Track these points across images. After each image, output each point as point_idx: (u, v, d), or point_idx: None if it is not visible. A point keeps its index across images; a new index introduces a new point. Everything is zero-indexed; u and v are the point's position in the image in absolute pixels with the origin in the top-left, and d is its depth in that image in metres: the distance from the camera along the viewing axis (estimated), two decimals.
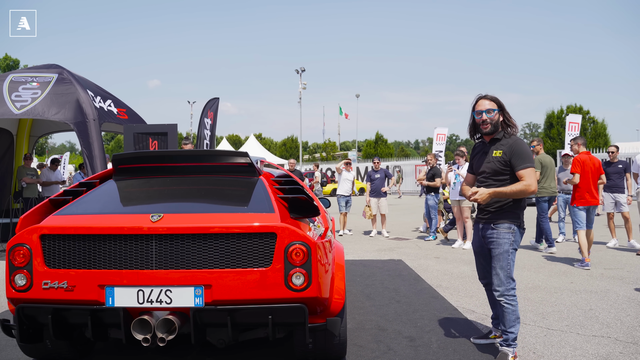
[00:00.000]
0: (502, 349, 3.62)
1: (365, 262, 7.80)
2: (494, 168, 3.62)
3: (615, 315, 4.71)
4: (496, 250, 3.60)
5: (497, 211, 3.62)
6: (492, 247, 3.63)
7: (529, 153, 3.55)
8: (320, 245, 3.10)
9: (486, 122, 3.63)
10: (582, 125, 30.99)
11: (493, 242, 3.62)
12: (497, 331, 3.98)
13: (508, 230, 3.59)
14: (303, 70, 40.76)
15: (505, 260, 3.57)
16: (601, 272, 6.74)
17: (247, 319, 3.03)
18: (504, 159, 3.58)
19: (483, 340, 3.99)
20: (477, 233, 3.83)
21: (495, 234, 3.61)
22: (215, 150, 3.69)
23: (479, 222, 3.77)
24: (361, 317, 4.71)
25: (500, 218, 3.60)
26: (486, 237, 3.69)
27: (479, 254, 3.86)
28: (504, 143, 3.63)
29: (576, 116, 20.95)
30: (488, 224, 3.67)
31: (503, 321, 3.60)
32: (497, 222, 3.61)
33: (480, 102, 3.67)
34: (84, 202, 3.38)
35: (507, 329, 3.59)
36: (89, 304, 3.01)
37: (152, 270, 2.97)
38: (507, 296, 3.57)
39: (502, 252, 3.58)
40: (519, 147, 3.56)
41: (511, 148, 3.57)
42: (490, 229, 3.65)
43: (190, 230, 2.97)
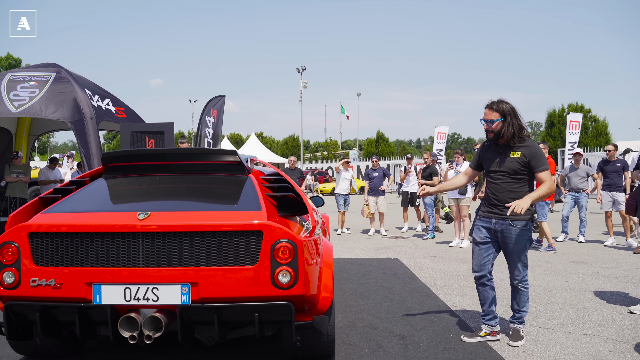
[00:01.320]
0: (514, 326, 3.98)
1: (362, 260, 7.80)
2: (513, 168, 3.82)
3: (608, 313, 4.70)
4: (515, 247, 3.84)
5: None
6: (510, 242, 3.85)
7: (544, 156, 3.86)
8: (307, 243, 3.11)
9: (488, 131, 3.88)
10: (583, 123, 30.92)
11: (511, 238, 3.83)
12: (488, 328, 4.03)
13: (525, 227, 3.82)
14: (304, 69, 40.79)
15: (524, 254, 3.88)
16: (597, 271, 6.73)
17: (233, 316, 3.04)
18: (523, 160, 3.80)
19: (474, 339, 4.01)
20: (482, 225, 3.98)
21: (514, 231, 3.82)
22: (204, 148, 3.72)
23: (491, 217, 3.92)
24: (353, 316, 4.71)
25: (518, 216, 3.78)
26: (501, 232, 3.87)
27: (482, 246, 3.97)
28: (520, 145, 3.83)
29: (577, 115, 20.92)
30: (504, 220, 3.84)
31: (518, 302, 3.97)
32: (514, 220, 3.81)
33: (485, 111, 3.90)
34: (72, 200, 3.39)
35: (520, 308, 3.97)
36: (77, 302, 3.02)
37: (139, 268, 2.98)
38: (524, 282, 3.93)
39: (521, 247, 3.84)
40: (538, 151, 3.82)
41: (530, 151, 3.80)
42: (508, 225, 3.83)
43: (177, 228, 2.98)
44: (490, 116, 3.84)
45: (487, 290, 4.01)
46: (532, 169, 3.80)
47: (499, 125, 3.83)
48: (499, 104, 3.86)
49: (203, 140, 11.01)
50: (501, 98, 3.92)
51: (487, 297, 4.02)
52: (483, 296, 4.04)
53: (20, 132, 11.72)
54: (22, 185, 10.53)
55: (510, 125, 3.80)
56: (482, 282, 4.01)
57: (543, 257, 7.86)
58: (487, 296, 4.02)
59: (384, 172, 11.20)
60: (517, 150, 3.81)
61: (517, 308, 3.98)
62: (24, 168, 10.67)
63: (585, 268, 6.96)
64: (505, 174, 3.85)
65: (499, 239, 3.90)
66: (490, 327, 4.03)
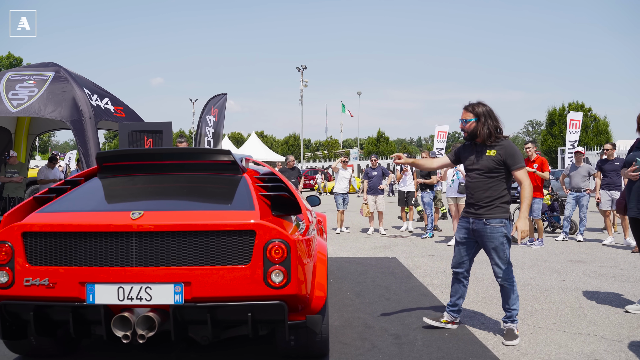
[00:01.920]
0: (508, 326, 4.02)
1: (359, 259, 7.80)
2: (488, 166, 3.95)
3: (604, 313, 4.70)
4: (492, 244, 3.94)
5: (488, 207, 3.93)
6: (486, 241, 3.95)
7: (520, 154, 3.95)
8: (300, 243, 3.11)
9: (463, 130, 4.07)
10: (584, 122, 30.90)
11: (487, 236, 3.94)
12: (450, 317, 4.27)
13: (500, 225, 3.91)
14: (304, 68, 40.78)
15: (502, 251, 3.94)
16: (594, 270, 6.73)
17: (226, 316, 3.05)
18: (498, 158, 3.92)
19: (434, 322, 4.26)
20: (462, 226, 4.11)
21: (489, 229, 3.92)
22: (198, 148, 3.72)
23: (468, 216, 4.05)
24: (349, 315, 4.71)
25: (492, 214, 3.92)
26: (478, 231, 3.98)
27: (462, 244, 4.15)
28: (496, 144, 3.96)
29: (577, 114, 20.90)
30: (480, 219, 3.96)
31: (507, 301, 4.02)
32: (489, 218, 3.92)
33: (462, 111, 4.08)
34: (67, 200, 3.39)
35: (510, 307, 4.02)
36: (70, 301, 3.03)
37: (133, 267, 2.98)
38: (509, 280, 3.99)
39: (497, 245, 3.93)
40: (513, 149, 3.93)
41: (506, 150, 3.92)
42: (482, 224, 3.95)
43: (170, 228, 2.99)
44: (465, 116, 4.02)
45: (461, 285, 4.24)
46: (509, 168, 3.91)
47: (472, 125, 3.99)
48: (474, 106, 4.02)
49: (203, 139, 10.99)
50: (480, 100, 4.07)
51: (458, 291, 4.24)
52: (455, 289, 4.26)
53: (19, 131, 11.73)
54: (17, 184, 10.42)
55: (485, 125, 3.94)
56: (458, 278, 4.23)
57: (541, 256, 7.86)
58: (458, 290, 4.25)
59: (383, 171, 11.21)
60: (492, 149, 3.94)
61: (508, 307, 4.04)
62: (18, 167, 10.57)
63: (583, 267, 6.96)
64: (481, 172, 3.97)
65: (477, 238, 4.03)
66: (451, 316, 4.28)
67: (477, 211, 3.97)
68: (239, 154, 4.10)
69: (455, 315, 4.27)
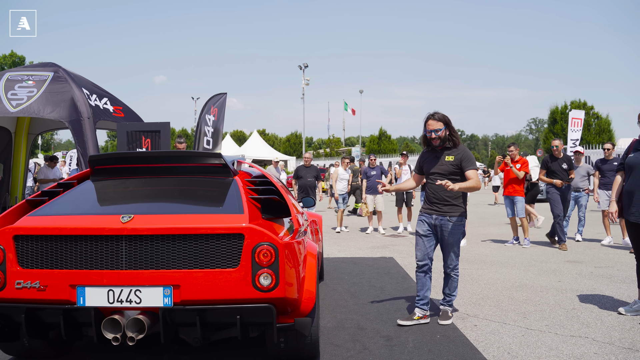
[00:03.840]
0: (444, 308, 4.59)
1: (356, 259, 7.82)
2: (448, 170, 4.40)
3: (597, 315, 4.71)
4: (451, 239, 4.42)
5: (450, 205, 4.39)
6: (446, 235, 4.42)
7: (474, 158, 4.42)
8: (288, 246, 3.12)
9: (435, 139, 4.39)
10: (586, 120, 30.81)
11: (448, 231, 4.40)
12: (421, 312, 4.50)
13: (460, 222, 4.42)
14: (306, 66, 40.79)
15: (457, 245, 4.48)
16: (591, 271, 6.73)
17: (215, 318, 3.07)
18: (456, 163, 4.38)
19: (408, 322, 4.45)
20: (424, 220, 4.51)
21: (451, 225, 4.39)
22: (189, 151, 3.73)
23: (431, 213, 4.46)
24: (342, 316, 4.73)
25: (453, 212, 4.39)
26: (440, 226, 4.42)
27: (425, 239, 4.50)
28: (453, 150, 4.42)
29: (579, 112, 20.85)
30: (443, 216, 4.41)
31: (449, 288, 4.57)
32: (451, 215, 4.39)
33: (429, 122, 4.41)
34: (58, 203, 3.42)
35: (451, 293, 4.58)
36: (61, 304, 3.06)
37: (122, 270, 3.01)
38: (456, 270, 4.54)
39: (455, 239, 4.43)
40: (468, 154, 4.42)
41: (461, 154, 4.40)
42: (446, 220, 4.39)
43: (159, 231, 3.01)
44: (436, 126, 4.37)
45: (426, 278, 4.54)
46: (463, 169, 4.35)
47: (444, 133, 4.37)
48: (439, 115, 4.40)
49: (202, 139, 11.02)
50: (436, 110, 4.44)
51: (424, 285, 4.53)
52: (422, 283, 4.54)
53: (19, 131, 11.75)
54: None
55: (451, 132, 4.40)
56: (424, 270, 4.53)
57: (538, 257, 7.86)
58: (424, 283, 4.53)
59: (382, 170, 11.21)
60: (451, 155, 4.39)
61: (448, 292, 4.57)
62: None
63: (579, 268, 6.96)
64: (441, 175, 4.39)
65: (438, 232, 4.44)
66: (423, 311, 4.51)
67: (441, 209, 4.40)
68: (230, 156, 4.11)
69: (425, 309, 4.53)
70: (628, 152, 4.82)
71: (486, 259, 7.70)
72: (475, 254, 8.24)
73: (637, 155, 4.66)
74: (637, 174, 4.59)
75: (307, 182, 10.68)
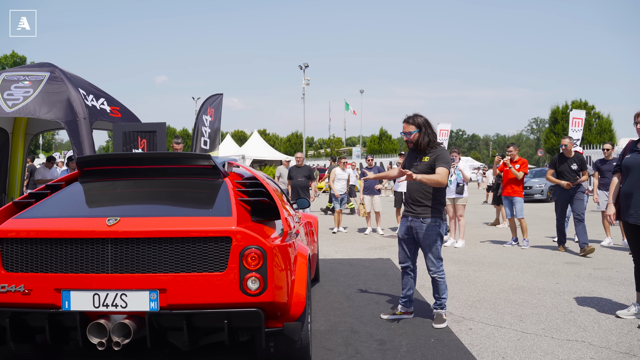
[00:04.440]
0: (437, 311, 4.54)
1: (353, 261, 7.76)
2: (422, 170, 4.42)
3: (595, 318, 4.64)
4: (427, 241, 4.41)
5: (426, 208, 4.40)
6: (421, 237, 4.42)
7: (447, 159, 4.39)
8: (277, 249, 3.07)
9: (408, 141, 4.50)
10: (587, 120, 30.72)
11: (422, 233, 4.40)
12: (403, 309, 4.68)
13: (435, 224, 4.40)
14: (306, 66, 40.71)
15: (435, 247, 4.43)
16: (589, 273, 6.67)
17: (203, 323, 3.02)
18: (430, 163, 4.40)
19: (390, 316, 4.65)
20: (404, 224, 4.55)
21: (425, 227, 4.39)
22: (178, 152, 3.67)
23: (408, 215, 4.50)
24: (336, 319, 4.67)
25: (426, 213, 4.40)
26: (415, 228, 4.45)
27: (404, 242, 4.58)
28: (431, 152, 4.45)
29: (580, 112, 20.73)
30: (417, 218, 4.44)
31: (437, 291, 4.53)
32: (425, 217, 4.40)
33: (403, 125, 4.52)
34: (45, 205, 3.37)
35: (440, 296, 4.53)
36: (46, 308, 3.01)
37: (108, 274, 2.96)
38: (439, 273, 4.49)
39: (431, 241, 4.40)
40: (442, 154, 4.42)
41: (436, 154, 4.41)
42: (420, 222, 4.42)
43: (145, 234, 2.96)
44: (408, 129, 4.46)
45: (409, 278, 4.65)
46: (435, 168, 4.36)
47: (416, 136, 4.44)
48: (414, 118, 4.46)
49: (200, 139, 10.98)
50: (416, 112, 4.51)
51: (407, 284, 4.66)
52: (405, 282, 4.67)
53: (17, 131, 11.71)
54: None
55: (425, 134, 4.42)
56: (406, 271, 4.65)
57: (537, 258, 7.80)
58: (407, 282, 4.66)
59: (379, 170, 11.15)
60: (427, 156, 4.43)
61: (438, 296, 4.55)
62: None
63: (578, 269, 6.90)
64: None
65: (414, 234, 4.46)
66: (405, 307, 4.68)
67: (414, 210, 4.44)
68: (221, 157, 4.06)
69: (409, 305, 4.68)
70: (625, 154, 4.74)
71: (484, 261, 7.64)
72: (473, 255, 8.17)
73: (634, 156, 4.59)
74: (634, 175, 4.52)
75: (297, 183, 10.65)
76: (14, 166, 11.58)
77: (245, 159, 39.53)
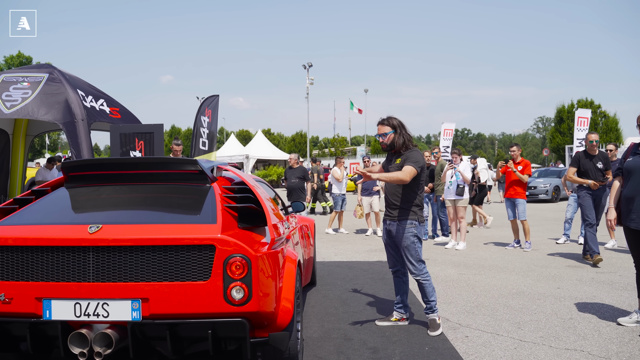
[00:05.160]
0: (430, 316, 4.42)
1: (352, 263, 7.67)
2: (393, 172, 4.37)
3: (595, 325, 4.53)
4: (404, 243, 4.35)
5: (401, 210, 4.37)
6: (398, 240, 4.39)
7: (417, 159, 4.31)
8: (263, 258, 2.99)
9: (383, 143, 4.45)
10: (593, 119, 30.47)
11: (399, 236, 4.37)
12: (398, 315, 4.59)
13: (411, 226, 4.35)
14: (310, 66, 40.60)
15: (414, 249, 4.35)
16: (592, 277, 6.54)
17: (186, 333, 2.95)
18: (401, 164, 4.34)
19: (386, 323, 4.57)
20: (385, 227, 4.53)
21: (401, 229, 4.35)
22: (165, 157, 3.60)
23: (386, 219, 4.50)
24: (330, 325, 4.59)
25: (403, 216, 4.36)
26: (393, 232, 4.42)
27: (388, 246, 4.55)
28: (404, 153, 4.41)
29: (585, 111, 20.45)
30: (394, 221, 4.41)
31: (424, 294, 4.42)
32: (401, 220, 4.36)
33: (378, 127, 4.47)
34: (27, 212, 3.30)
35: (429, 299, 4.41)
36: (27, 317, 2.94)
37: (89, 282, 2.89)
38: (422, 275, 4.38)
39: (409, 243, 4.34)
40: (412, 154, 4.35)
41: (407, 155, 4.36)
42: (396, 225, 4.38)
43: (127, 242, 2.89)
44: (383, 130, 4.41)
45: (400, 282, 4.60)
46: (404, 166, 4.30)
47: (391, 137, 4.39)
48: (389, 120, 4.42)
49: (198, 140, 10.94)
50: (390, 115, 4.46)
51: (400, 288, 4.61)
52: (397, 287, 4.63)
53: (17, 132, 11.69)
54: None
55: (400, 135, 4.38)
56: (397, 275, 4.60)
57: (539, 261, 7.67)
58: (399, 287, 4.61)
59: None
60: (400, 157, 4.38)
61: (426, 299, 4.43)
62: None
63: (580, 273, 6.77)
64: None
65: (393, 237, 4.43)
66: (400, 313, 4.60)
67: (391, 213, 4.42)
68: (211, 161, 3.97)
69: (403, 312, 4.60)
70: (626, 156, 4.62)
71: (485, 264, 7.53)
72: (474, 258, 8.06)
73: (636, 159, 4.47)
74: (636, 179, 4.40)
75: (291, 184, 10.60)
76: (14, 168, 11.56)
77: (249, 158, 39.51)
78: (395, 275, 4.62)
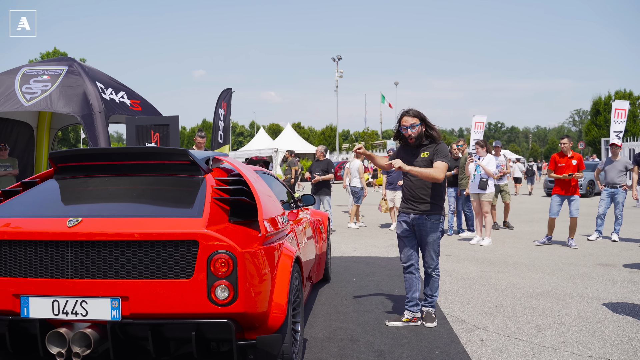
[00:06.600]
0: (427, 310, 4.40)
1: (370, 259, 7.41)
2: (423, 166, 4.23)
3: (624, 330, 4.16)
4: (430, 238, 4.29)
5: (426, 203, 4.26)
6: (425, 234, 4.30)
7: (446, 152, 4.27)
8: (251, 255, 2.78)
9: (411, 136, 4.28)
10: (632, 111, 29.23)
11: (426, 230, 4.28)
12: (410, 314, 4.38)
13: (438, 221, 4.30)
14: (339, 58, 40.28)
15: (437, 244, 4.34)
16: (624, 276, 6.12)
17: (169, 333, 2.76)
18: (430, 158, 4.26)
19: (397, 323, 4.34)
20: (402, 221, 4.40)
21: (429, 224, 4.27)
22: (155, 147, 3.45)
23: (409, 212, 4.34)
24: (337, 325, 4.35)
25: (433, 211, 4.26)
26: (417, 225, 4.31)
27: (406, 239, 4.41)
28: (430, 146, 4.31)
29: (623, 102, 19.66)
30: (421, 215, 4.28)
31: (431, 289, 4.41)
32: (430, 214, 4.26)
33: (404, 118, 4.30)
34: (11, 205, 3.16)
35: (432, 294, 4.42)
36: (5, 314, 2.81)
37: (68, 279, 2.74)
38: (436, 270, 4.39)
39: (435, 238, 4.30)
40: (441, 148, 4.29)
41: (435, 149, 4.29)
42: (423, 220, 4.27)
43: (106, 237, 2.72)
44: (412, 121, 4.26)
45: (413, 278, 4.42)
46: (433, 160, 4.22)
47: (420, 129, 4.26)
48: (414, 111, 4.28)
49: (217, 133, 10.91)
50: (411, 107, 4.32)
51: (412, 285, 4.41)
52: (409, 284, 4.44)
53: (41, 125, 11.84)
54: (10, 178, 10.31)
55: (428, 127, 4.28)
56: (410, 271, 4.42)
57: (567, 259, 7.25)
58: (412, 284, 4.41)
59: None
60: (426, 151, 4.28)
61: (430, 294, 4.41)
62: (10, 161, 10.53)
63: (611, 272, 6.35)
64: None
65: (416, 231, 4.32)
66: (412, 313, 4.38)
67: (417, 207, 4.28)
68: (206, 152, 3.77)
69: (415, 310, 4.39)
70: None
71: (510, 261, 7.16)
72: (499, 254, 7.69)
73: None
74: None
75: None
76: (39, 160, 11.69)
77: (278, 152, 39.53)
78: (407, 272, 4.45)
